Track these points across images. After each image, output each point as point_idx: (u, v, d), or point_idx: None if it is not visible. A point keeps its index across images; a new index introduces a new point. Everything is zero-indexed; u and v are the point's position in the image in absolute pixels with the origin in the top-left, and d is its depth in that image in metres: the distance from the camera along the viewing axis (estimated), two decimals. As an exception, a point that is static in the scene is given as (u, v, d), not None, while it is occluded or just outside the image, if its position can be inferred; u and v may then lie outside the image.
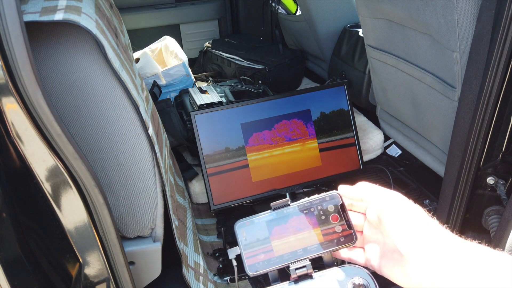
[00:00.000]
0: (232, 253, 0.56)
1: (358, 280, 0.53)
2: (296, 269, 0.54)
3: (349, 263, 0.57)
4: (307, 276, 0.54)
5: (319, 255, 0.55)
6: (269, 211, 0.56)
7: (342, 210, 0.55)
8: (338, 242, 0.54)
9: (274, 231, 0.55)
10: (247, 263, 0.54)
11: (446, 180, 1.31)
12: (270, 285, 0.55)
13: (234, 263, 0.57)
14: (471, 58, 1.12)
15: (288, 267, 0.54)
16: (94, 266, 0.88)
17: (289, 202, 0.56)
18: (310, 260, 0.54)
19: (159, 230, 1.11)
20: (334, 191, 0.57)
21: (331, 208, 0.56)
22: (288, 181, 1.64)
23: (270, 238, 0.55)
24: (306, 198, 0.57)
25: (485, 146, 1.14)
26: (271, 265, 0.54)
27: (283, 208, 0.56)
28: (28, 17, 0.80)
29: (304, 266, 0.54)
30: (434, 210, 1.62)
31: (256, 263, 0.54)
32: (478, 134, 1.12)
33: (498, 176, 1.18)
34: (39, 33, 0.87)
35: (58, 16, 0.82)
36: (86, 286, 0.88)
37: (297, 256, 0.54)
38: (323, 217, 0.55)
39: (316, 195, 0.57)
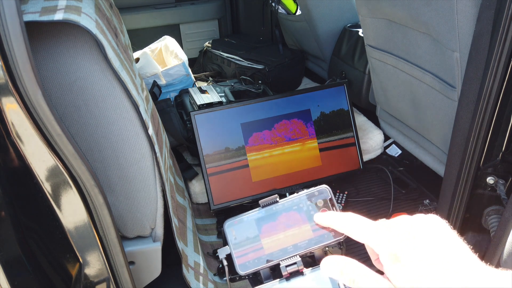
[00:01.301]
0: (222, 252, 0.56)
1: None
2: (286, 266, 0.54)
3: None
4: (298, 273, 0.54)
5: (309, 251, 0.55)
6: (257, 208, 0.56)
7: (331, 204, 0.55)
8: (328, 237, 0.54)
9: (264, 228, 0.55)
10: (237, 262, 0.53)
11: (446, 180, 1.31)
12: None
13: (225, 262, 0.57)
14: (471, 58, 1.12)
15: (278, 264, 0.54)
16: (94, 266, 0.88)
17: (277, 199, 0.56)
18: (300, 256, 0.54)
19: (159, 230, 1.11)
20: (323, 186, 0.56)
21: (320, 203, 0.55)
22: (288, 181, 1.63)
23: (260, 236, 0.54)
24: (295, 194, 0.56)
25: (485, 146, 1.14)
26: (261, 263, 0.53)
27: (272, 205, 0.56)
28: (28, 17, 0.80)
29: (295, 263, 0.54)
30: (434, 210, 1.62)
31: (246, 262, 0.53)
32: (478, 134, 1.12)
33: (498, 176, 1.18)
34: (39, 33, 0.87)
35: (58, 16, 0.82)
36: (86, 286, 0.88)
37: (288, 253, 0.54)
38: (312, 213, 0.55)
39: (305, 190, 0.56)
